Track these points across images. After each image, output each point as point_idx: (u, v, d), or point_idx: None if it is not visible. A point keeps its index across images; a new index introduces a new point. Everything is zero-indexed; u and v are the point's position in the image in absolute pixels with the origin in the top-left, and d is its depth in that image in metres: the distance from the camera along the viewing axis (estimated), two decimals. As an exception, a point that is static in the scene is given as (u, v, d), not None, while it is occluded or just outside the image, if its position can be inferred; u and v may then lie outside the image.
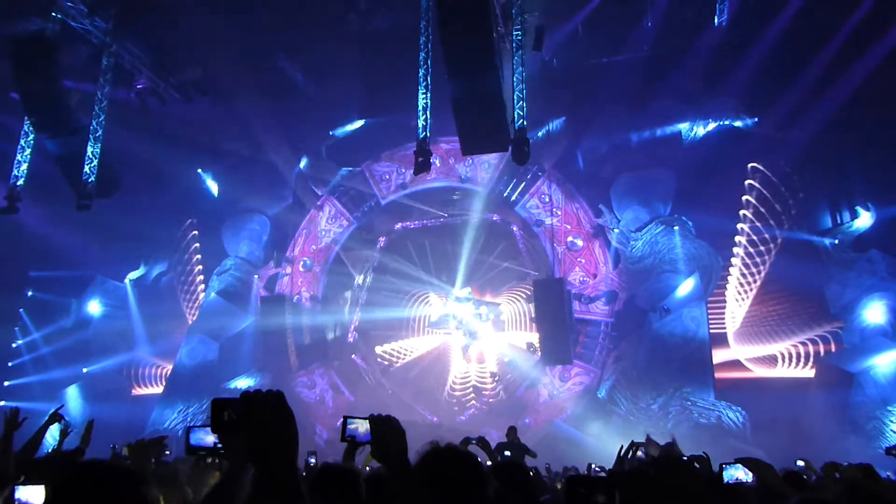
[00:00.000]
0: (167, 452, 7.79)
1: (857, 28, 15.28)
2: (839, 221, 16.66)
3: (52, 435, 5.92)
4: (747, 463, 3.92)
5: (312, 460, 7.82)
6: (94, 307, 22.27)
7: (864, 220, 16.24)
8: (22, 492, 3.11)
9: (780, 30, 15.88)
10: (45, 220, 18.92)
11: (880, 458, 7.68)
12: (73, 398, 20.83)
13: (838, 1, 15.38)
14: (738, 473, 3.98)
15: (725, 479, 3.99)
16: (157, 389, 21.30)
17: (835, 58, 15.63)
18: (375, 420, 2.25)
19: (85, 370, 21.38)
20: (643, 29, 17.04)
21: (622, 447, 4.14)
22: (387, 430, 2.23)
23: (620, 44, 17.57)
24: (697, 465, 5.29)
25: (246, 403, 1.81)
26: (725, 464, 4.04)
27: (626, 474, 3.42)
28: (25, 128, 15.54)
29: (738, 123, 18.16)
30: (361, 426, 2.40)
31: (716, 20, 16.41)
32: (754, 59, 16.31)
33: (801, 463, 8.28)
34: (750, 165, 17.40)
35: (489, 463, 5.28)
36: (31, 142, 15.59)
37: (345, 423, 2.44)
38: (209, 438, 2.67)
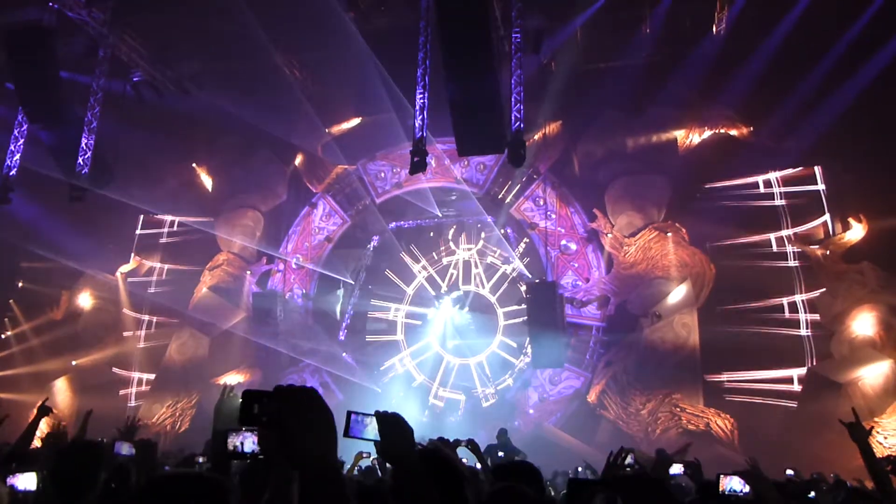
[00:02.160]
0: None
1: (855, 41, 15.37)
2: (831, 233, 16.74)
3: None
4: (744, 475, 3.94)
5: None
6: (85, 299, 22.17)
7: (856, 231, 16.32)
8: (15, 479, 3.16)
9: (778, 41, 15.94)
10: (37, 210, 18.83)
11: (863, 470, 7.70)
12: (61, 391, 20.72)
13: (837, 14, 15.45)
14: (735, 484, 4.01)
15: (722, 490, 4.02)
16: (146, 384, 21.19)
17: (831, 70, 15.71)
18: (383, 417, 2.17)
19: (74, 363, 21.27)
20: (642, 35, 17.06)
21: (611, 453, 4.14)
22: (395, 428, 2.16)
23: (619, 49, 17.58)
24: (689, 472, 5.32)
25: (282, 398, 1.74)
26: (722, 474, 4.07)
27: (628, 478, 3.42)
28: (19, 118, 15.47)
29: (733, 132, 18.25)
30: (368, 422, 2.25)
31: (714, 29, 16.48)
32: (751, 68, 16.38)
33: (790, 472, 8.32)
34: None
35: (479, 466, 5.27)
36: (25, 132, 15.52)
37: (348, 420, 2.26)
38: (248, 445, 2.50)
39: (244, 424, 1.84)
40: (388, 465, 2.21)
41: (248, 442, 2.63)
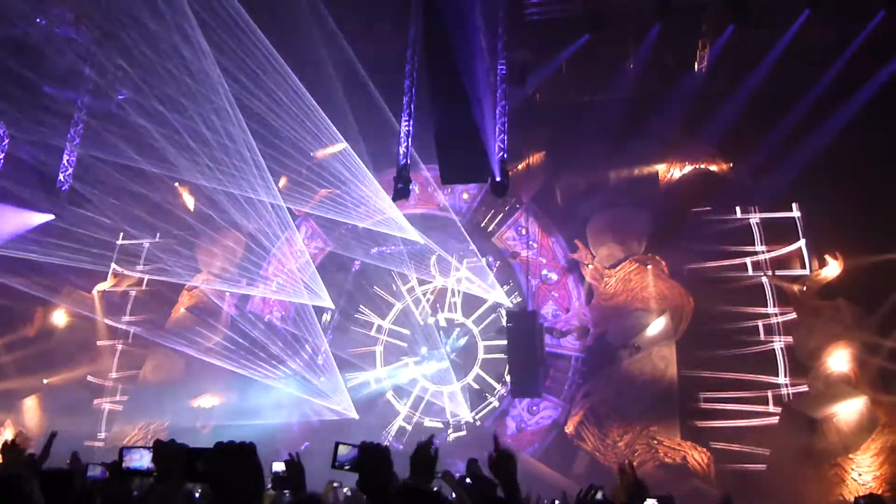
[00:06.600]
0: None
1: (834, 82, 15.74)
2: (808, 269, 16.93)
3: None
4: None
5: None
6: (60, 317, 21.81)
7: (833, 269, 16.53)
8: None
9: (759, 79, 16.31)
10: (14, 225, 18.57)
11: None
12: (30, 409, 20.28)
13: (817, 54, 15.82)
14: None
15: None
16: (119, 403, 20.82)
17: (811, 108, 16.04)
18: (365, 449, 2.22)
19: (45, 381, 20.85)
20: (625, 71, 17.36)
21: (581, 490, 4.10)
22: (375, 461, 2.19)
23: (603, 83, 17.87)
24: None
25: (217, 456, 1.89)
26: None
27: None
28: (0, 131, 15.37)
29: (713, 168, 18.51)
30: (353, 453, 2.35)
31: (696, 66, 16.80)
32: (732, 106, 16.71)
33: None
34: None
35: (454, 495, 5.21)
36: (6, 146, 15.41)
37: (336, 449, 2.37)
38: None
39: (190, 481, 2.02)
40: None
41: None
